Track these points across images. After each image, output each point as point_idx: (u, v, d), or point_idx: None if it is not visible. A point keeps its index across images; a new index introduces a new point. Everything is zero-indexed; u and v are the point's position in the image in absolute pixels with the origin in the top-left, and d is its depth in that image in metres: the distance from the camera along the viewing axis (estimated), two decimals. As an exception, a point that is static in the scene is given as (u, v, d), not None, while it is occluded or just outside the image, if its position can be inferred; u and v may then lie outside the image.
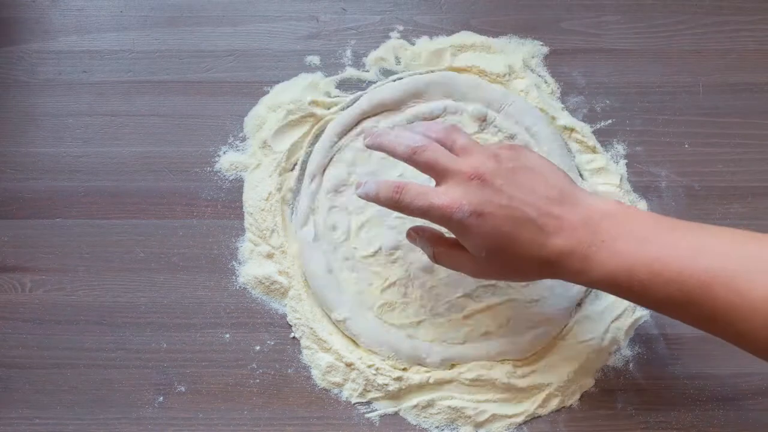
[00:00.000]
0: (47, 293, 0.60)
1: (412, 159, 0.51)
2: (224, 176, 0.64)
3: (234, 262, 0.61)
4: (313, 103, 0.65)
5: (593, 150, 0.64)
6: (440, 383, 0.58)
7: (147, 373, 0.58)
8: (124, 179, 0.64)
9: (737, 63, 0.67)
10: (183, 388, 0.58)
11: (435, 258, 0.54)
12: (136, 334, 0.59)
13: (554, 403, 0.57)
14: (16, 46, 0.67)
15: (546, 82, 0.66)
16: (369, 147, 0.54)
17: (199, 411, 0.57)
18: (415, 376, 0.58)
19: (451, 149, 0.52)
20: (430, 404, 0.57)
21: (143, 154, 0.64)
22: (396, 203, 0.51)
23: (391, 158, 0.54)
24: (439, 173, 0.50)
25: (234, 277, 0.61)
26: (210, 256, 0.61)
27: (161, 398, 0.58)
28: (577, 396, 0.58)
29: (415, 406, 0.57)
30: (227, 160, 0.64)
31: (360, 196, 0.53)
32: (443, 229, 0.53)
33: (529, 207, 0.48)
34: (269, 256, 0.61)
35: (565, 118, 0.65)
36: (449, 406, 0.57)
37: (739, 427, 0.56)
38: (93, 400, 0.58)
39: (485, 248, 0.49)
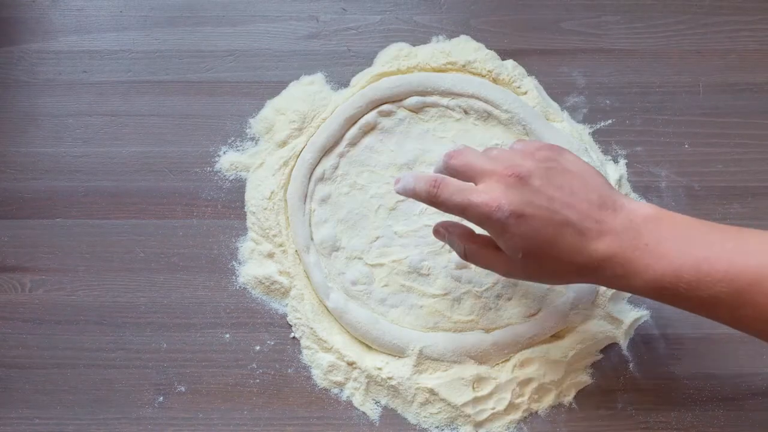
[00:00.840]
0: (47, 293, 0.61)
1: (448, 165, 0.50)
2: (224, 176, 0.64)
3: (234, 262, 0.61)
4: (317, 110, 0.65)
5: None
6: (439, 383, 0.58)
7: (147, 373, 0.58)
8: (124, 179, 0.64)
9: (737, 63, 0.67)
10: (183, 388, 0.58)
11: (466, 256, 0.52)
12: (136, 334, 0.59)
13: (550, 398, 0.57)
14: (16, 46, 0.67)
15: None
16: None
17: (199, 411, 0.57)
18: (415, 375, 0.58)
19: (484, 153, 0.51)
20: (428, 401, 0.57)
21: (143, 154, 0.64)
22: (433, 197, 0.50)
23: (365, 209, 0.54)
24: (475, 173, 0.49)
25: (234, 277, 0.61)
26: (210, 256, 0.62)
27: (161, 398, 0.58)
28: (573, 393, 0.58)
29: (413, 403, 0.57)
30: (227, 160, 0.64)
31: (398, 192, 0.52)
32: (473, 226, 0.52)
33: (570, 210, 0.47)
34: (270, 255, 0.61)
35: (565, 119, 0.65)
36: (449, 403, 0.57)
37: (739, 428, 0.56)
38: (93, 400, 0.58)
39: (522, 250, 0.48)
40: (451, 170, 0.51)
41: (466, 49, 0.66)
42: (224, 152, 0.64)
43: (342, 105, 0.64)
